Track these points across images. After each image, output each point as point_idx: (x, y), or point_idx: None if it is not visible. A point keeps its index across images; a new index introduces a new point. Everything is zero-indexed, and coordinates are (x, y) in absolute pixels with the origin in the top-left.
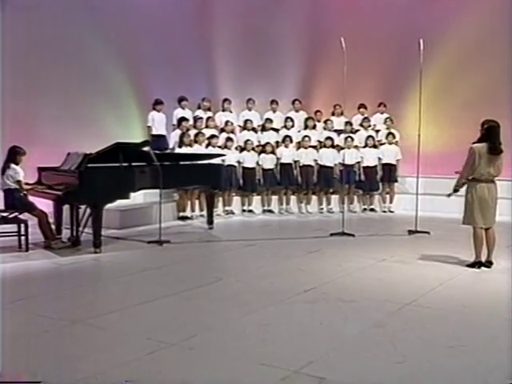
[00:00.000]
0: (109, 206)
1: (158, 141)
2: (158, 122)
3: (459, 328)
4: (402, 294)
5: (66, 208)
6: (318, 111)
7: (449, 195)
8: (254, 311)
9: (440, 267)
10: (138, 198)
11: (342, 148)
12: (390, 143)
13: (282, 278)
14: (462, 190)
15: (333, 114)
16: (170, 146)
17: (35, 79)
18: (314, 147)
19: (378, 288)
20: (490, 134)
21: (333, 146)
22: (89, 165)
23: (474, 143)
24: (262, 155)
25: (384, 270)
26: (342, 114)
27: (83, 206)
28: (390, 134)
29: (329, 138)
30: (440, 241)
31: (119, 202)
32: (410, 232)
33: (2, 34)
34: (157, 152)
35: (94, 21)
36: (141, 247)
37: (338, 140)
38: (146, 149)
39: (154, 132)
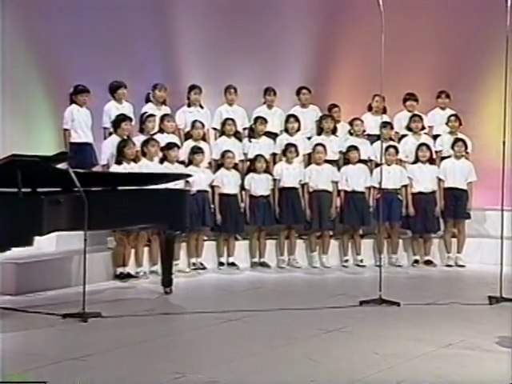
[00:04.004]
0: None
1: (82, 152)
2: (80, 123)
3: None
4: None
5: None
6: (338, 106)
7: None
8: None
9: None
10: (47, 244)
11: (379, 164)
12: (458, 156)
13: (282, 373)
14: None
15: (369, 110)
16: (103, 161)
17: None
18: (333, 162)
19: None
20: None
21: (363, 161)
22: None
23: None
24: (251, 175)
25: (448, 362)
26: (384, 110)
27: None
28: (457, 141)
29: (353, 147)
30: None
31: (15, 251)
32: (492, 299)
33: None
34: (80, 171)
35: None
36: (51, 324)
37: (372, 151)
38: (61, 166)
39: (75, 139)
